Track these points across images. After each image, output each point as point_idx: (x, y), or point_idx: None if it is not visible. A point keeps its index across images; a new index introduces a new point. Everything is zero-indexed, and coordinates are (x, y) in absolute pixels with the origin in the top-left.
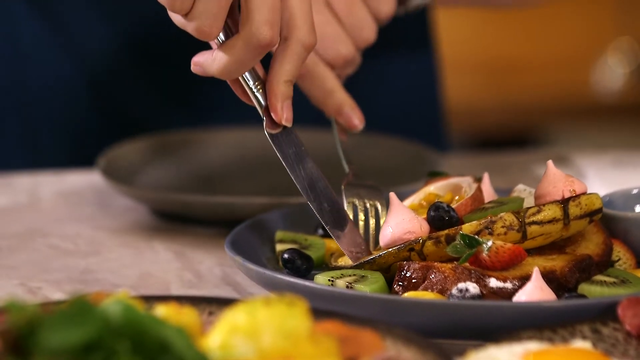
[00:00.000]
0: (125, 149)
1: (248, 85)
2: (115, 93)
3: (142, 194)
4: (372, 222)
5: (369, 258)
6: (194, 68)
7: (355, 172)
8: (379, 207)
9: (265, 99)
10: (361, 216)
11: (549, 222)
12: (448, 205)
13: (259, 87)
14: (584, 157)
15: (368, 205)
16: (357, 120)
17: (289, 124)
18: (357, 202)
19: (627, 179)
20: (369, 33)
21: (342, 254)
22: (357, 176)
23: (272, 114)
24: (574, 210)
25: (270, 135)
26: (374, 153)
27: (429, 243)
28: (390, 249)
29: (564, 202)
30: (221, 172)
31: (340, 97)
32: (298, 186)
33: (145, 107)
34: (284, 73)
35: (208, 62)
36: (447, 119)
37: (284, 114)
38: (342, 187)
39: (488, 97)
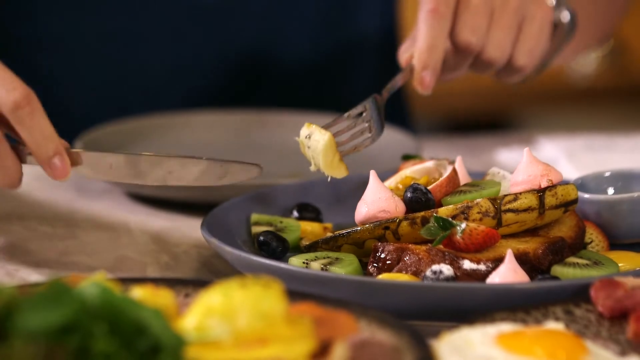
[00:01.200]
0: (102, 132)
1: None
2: (96, 76)
3: None
4: (351, 132)
5: (344, 232)
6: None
7: (385, 100)
8: (368, 133)
9: None
10: (352, 123)
11: (525, 210)
12: (425, 188)
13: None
14: (557, 140)
15: (365, 125)
16: (428, 83)
17: (63, 179)
18: (364, 114)
19: (599, 162)
20: (497, 58)
21: (312, 238)
22: (382, 105)
23: (51, 176)
24: (550, 200)
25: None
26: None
27: (404, 223)
28: (366, 225)
29: (541, 192)
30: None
31: (435, 59)
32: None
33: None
34: (27, 141)
35: (2, 185)
36: (410, 104)
37: (56, 173)
38: (372, 95)
39: (461, 80)
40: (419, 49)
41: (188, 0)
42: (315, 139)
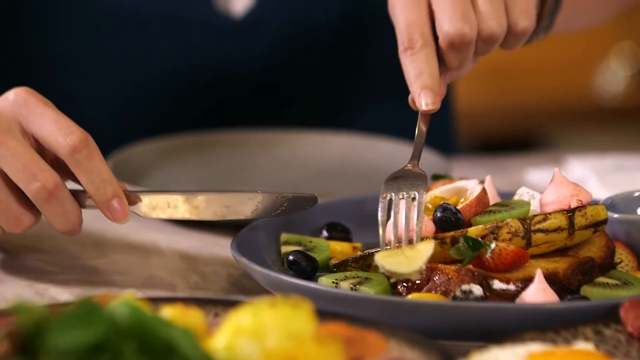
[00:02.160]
0: (133, 151)
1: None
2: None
3: None
4: (407, 213)
5: (374, 251)
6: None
7: (412, 165)
8: (418, 196)
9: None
10: (398, 210)
11: (554, 230)
12: (455, 208)
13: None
14: (586, 160)
15: (405, 197)
16: (429, 103)
17: (123, 222)
18: (393, 196)
19: (629, 182)
20: (495, 27)
21: (341, 258)
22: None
23: (111, 219)
24: (579, 220)
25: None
26: (376, 156)
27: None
28: (396, 244)
29: (571, 212)
30: (228, 174)
31: (425, 80)
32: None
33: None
34: (86, 184)
35: (62, 230)
36: (456, 123)
37: (116, 216)
38: (384, 182)
39: (492, 101)
40: (409, 83)
41: (209, 18)
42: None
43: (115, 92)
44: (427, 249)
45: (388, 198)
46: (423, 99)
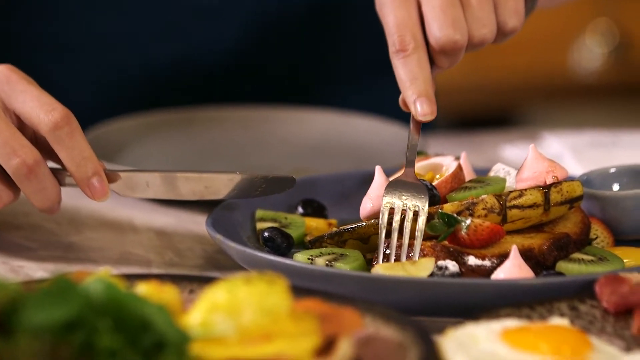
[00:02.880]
0: (110, 128)
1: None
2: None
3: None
4: (408, 225)
5: (350, 227)
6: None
7: (409, 174)
8: (421, 209)
9: None
10: (397, 218)
11: (530, 206)
12: (430, 184)
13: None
14: (562, 136)
15: (409, 206)
16: (426, 111)
17: (102, 199)
18: (395, 204)
19: (605, 158)
20: (487, 33)
21: (317, 234)
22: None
23: (90, 197)
24: (555, 196)
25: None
26: (354, 133)
27: None
28: (371, 221)
29: (546, 188)
30: (206, 151)
31: (420, 86)
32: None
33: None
34: (66, 161)
35: (41, 207)
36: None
37: (96, 194)
38: (385, 188)
39: (467, 77)
40: (402, 87)
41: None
42: None
43: (92, 72)
44: (427, 266)
45: (389, 206)
46: (420, 108)
